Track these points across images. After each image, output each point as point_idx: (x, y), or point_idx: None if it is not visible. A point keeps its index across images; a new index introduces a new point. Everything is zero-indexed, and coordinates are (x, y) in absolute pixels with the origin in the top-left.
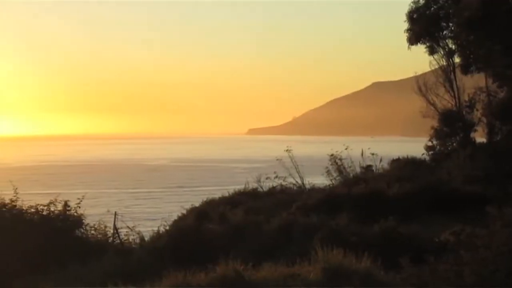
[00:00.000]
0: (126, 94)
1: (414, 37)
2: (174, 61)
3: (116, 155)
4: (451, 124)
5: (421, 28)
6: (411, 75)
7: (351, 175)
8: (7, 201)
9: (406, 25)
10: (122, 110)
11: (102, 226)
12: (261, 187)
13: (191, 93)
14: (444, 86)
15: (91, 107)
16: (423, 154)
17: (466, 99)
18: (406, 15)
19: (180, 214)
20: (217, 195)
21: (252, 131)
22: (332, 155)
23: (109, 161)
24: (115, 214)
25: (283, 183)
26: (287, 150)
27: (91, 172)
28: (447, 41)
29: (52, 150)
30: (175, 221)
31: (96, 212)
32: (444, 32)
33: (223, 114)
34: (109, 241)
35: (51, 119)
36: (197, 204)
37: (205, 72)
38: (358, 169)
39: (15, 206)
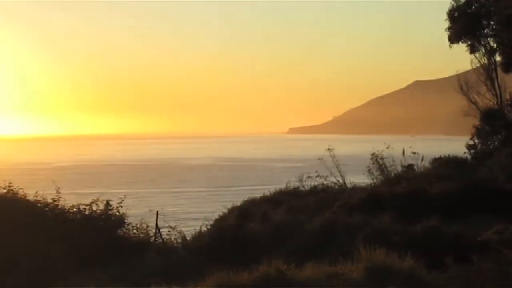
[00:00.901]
0: (167, 93)
1: (455, 36)
2: (215, 61)
3: (158, 154)
4: (492, 123)
5: (462, 26)
6: (452, 73)
7: (393, 174)
8: (49, 200)
9: (447, 24)
10: (164, 110)
11: (144, 225)
12: (303, 186)
13: (232, 93)
14: (486, 85)
15: (129, 107)
16: (464, 153)
17: (508, 97)
18: (447, 13)
19: (221, 214)
20: (258, 194)
21: (292, 130)
22: (373, 154)
23: (150, 160)
24: (157, 213)
25: (325, 182)
26: (328, 149)
27: (131, 172)
28: (488, 39)
29: (90, 150)
30: (216, 221)
31: (138, 212)
32: (485, 30)
33: (264, 113)
34: (151, 240)
35: (82, 119)
36: (238, 203)
37: (246, 71)
38: (399, 168)
39: (57, 205)
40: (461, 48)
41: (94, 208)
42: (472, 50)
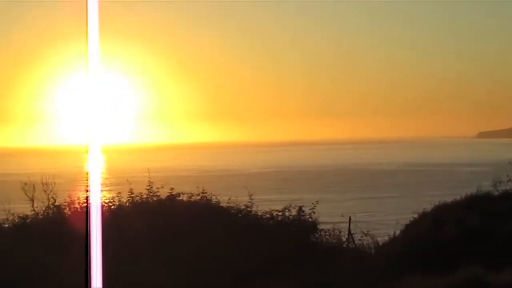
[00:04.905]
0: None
1: None
2: (389, 62)
3: (337, 160)
4: None
5: None
6: None
7: None
8: (242, 207)
9: None
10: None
11: (336, 231)
12: (497, 190)
13: (416, 95)
14: None
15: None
16: None
17: None
18: None
19: (412, 219)
20: (448, 199)
21: (482, 134)
22: None
23: (332, 166)
24: (349, 219)
25: None
26: None
27: (320, 178)
28: None
29: (271, 156)
30: (408, 226)
31: (330, 218)
32: None
33: (452, 116)
34: (344, 246)
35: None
36: (429, 209)
37: (438, 73)
38: None
39: (250, 212)
40: None
41: (287, 214)
42: None
